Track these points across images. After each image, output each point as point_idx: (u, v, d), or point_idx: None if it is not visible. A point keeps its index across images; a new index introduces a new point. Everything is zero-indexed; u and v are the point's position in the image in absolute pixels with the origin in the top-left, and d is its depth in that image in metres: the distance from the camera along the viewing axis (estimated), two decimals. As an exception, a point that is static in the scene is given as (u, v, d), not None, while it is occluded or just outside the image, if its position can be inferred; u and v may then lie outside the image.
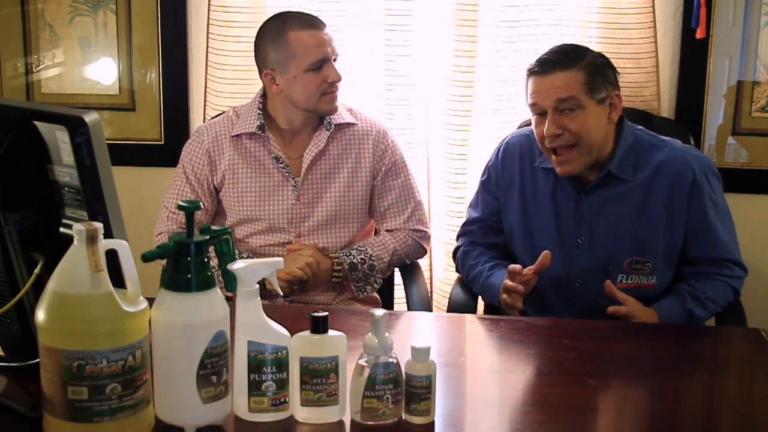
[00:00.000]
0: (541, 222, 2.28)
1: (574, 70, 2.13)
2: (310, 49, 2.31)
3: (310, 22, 2.35)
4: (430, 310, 2.52)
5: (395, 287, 2.76)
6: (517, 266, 2.16)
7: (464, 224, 2.45)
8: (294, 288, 2.31)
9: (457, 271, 2.46)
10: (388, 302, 2.65)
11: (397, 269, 2.59)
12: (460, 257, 2.42)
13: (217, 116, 2.57)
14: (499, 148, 2.38)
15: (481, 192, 2.41)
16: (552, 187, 2.27)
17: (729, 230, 2.25)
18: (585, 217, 2.24)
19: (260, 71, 2.39)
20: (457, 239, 2.47)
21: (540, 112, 2.17)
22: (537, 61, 2.18)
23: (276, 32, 2.33)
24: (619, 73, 2.22)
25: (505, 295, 2.17)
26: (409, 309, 2.47)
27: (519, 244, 2.31)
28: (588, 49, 2.25)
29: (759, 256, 2.83)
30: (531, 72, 2.18)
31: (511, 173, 2.33)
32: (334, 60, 2.35)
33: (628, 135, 2.23)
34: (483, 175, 2.42)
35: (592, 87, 2.13)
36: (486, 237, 2.39)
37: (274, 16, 2.42)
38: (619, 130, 2.23)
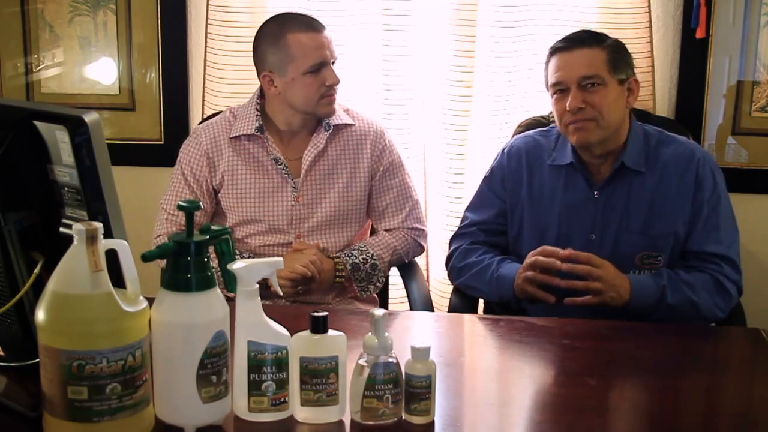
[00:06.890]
0: (552, 220, 2.28)
1: (597, 49, 2.19)
2: (309, 51, 2.30)
3: (309, 24, 2.34)
4: (432, 308, 2.51)
5: (391, 287, 2.76)
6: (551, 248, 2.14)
7: (462, 227, 2.42)
8: (299, 289, 2.30)
9: (450, 275, 2.40)
10: (383, 303, 2.65)
11: (396, 270, 2.59)
12: (459, 255, 2.36)
13: (212, 116, 2.56)
14: (505, 150, 2.38)
15: (486, 194, 2.39)
16: (563, 184, 2.27)
17: (726, 229, 2.24)
18: (597, 213, 2.24)
19: (258, 73, 2.38)
20: (451, 242, 2.42)
21: (563, 89, 2.19)
22: (562, 39, 2.24)
23: (275, 34, 2.33)
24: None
25: (530, 273, 2.14)
26: (410, 307, 2.47)
27: (527, 243, 2.29)
28: (607, 35, 2.29)
29: (759, 256, 2.83)
30: (555, 50, 2.22)
31: (518, 173, 2.33)
32: (333, 63, 2.35)
33: (637, 129, 2.26)
34: (487, 177, 2.40)
35: (614, 66, 2.18)
36: (489, 237, 2.37)
37: (273, 17, 2.41)
38: (629, 124, 2.26)
